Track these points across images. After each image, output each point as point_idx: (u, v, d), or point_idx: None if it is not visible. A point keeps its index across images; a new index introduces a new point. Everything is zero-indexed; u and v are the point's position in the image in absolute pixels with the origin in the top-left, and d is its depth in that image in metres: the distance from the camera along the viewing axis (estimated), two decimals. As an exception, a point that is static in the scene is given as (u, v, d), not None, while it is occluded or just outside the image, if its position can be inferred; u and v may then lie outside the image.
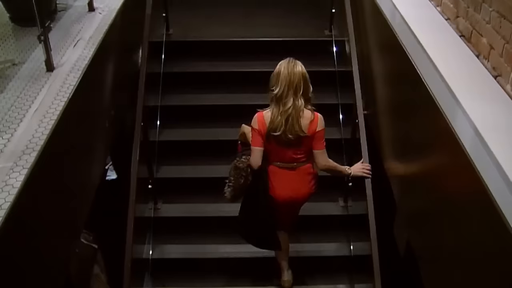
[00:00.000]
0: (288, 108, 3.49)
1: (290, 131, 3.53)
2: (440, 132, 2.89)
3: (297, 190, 3.79)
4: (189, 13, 6.37)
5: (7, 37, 3.90)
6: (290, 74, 3.49)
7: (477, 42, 2.99)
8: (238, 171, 3.75)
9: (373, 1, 4.34)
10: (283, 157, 3.69)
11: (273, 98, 3.53)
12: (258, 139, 3.62)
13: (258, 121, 3.59)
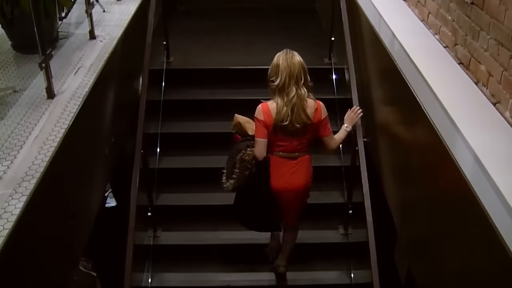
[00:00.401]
0: (292, 98, 3.58)
1: (296, 120, 3.62)
2: (440, 158, 2.89)
3: (292, 180, 3.86)
4: (189, 41, 6.42)
5: (8, 64, 3.92)
6: (289, 64, 3.59)
7: (476, 70, 3.01)
8: (244, 164, 3.79)
9: (372, 29, 4.38)
10: (287, 147, 3.78)
11: (275, 89, 3.61)
12: (263, 130, 3.69)
13: (264, 112, 3.65)
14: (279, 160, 3.82)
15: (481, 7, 2.93)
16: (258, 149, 3.73)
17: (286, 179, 3.85)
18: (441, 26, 3.52)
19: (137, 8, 5.15)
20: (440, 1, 3.54)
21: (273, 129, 3.68)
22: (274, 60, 3.66)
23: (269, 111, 3.65)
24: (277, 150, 3.79)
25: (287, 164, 3.83)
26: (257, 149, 3.74)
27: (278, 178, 3.84)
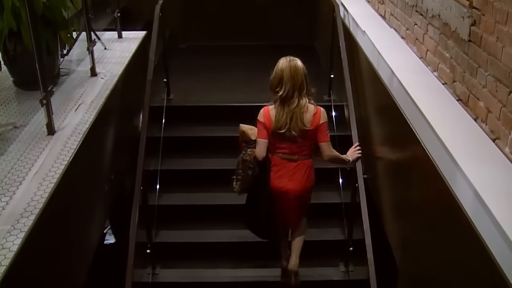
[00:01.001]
0: (293, 108, 3.73)
1: (294, 128, 3.75)
2: (440, 195, 2.88)
3: (292, 182, 3.93)
4: (190, 78, 6.48)
5: (10, 100, 3.95)
6: (293, 75, 3.73)
7: (475, 106, 3.03)
8: (245, 164, 3.97)
9: (371, 67, 4.41)
10: (287, 150, 3.89)
11: (278, 99, 3.76)
12: (264, 132, 3.85)
13: (264, 115, 3.83)
14: (279, 161, 3.93)
15: (479, 45, 2.96)
16: (258, 148, 3.87)
17: (284, 181, 3.94)
18: (440, 63, 3.56)
19: (138, 46, 5.21)
20: (438, 39, 3.57)
21: (272, 133, 3.83)
22: (277, 69, 3.77)
23: (269, 114, 3.81)
24: (278, 151, 3.92)
25: (287, 165, 3.93)
26: (257, 149, 3.88)
27: (277, 179, 3.94)
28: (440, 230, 2.99)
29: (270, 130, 3.83)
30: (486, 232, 2.35)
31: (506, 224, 2.19)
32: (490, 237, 2.30)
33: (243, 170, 4.00)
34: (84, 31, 4.44)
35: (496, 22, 2.76)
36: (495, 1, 2.77)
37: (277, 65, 3.81)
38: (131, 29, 5.66)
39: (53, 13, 4.00)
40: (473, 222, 2.47)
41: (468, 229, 2.49)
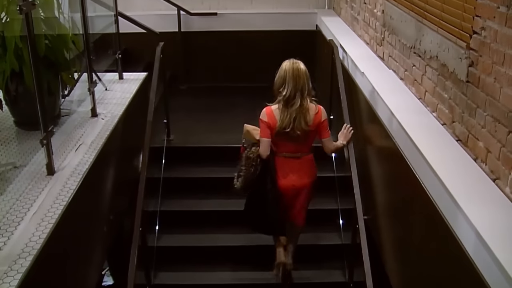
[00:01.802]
0: (296, 109, 4.04)
1: (297, 127, 4.05)
2: (442, 236, 2.86)
3: (299, 179, 4.25)
4: (190, 118, 6.52)
5: (10, 140, 3.95)
6: (295, 76, 4.04)
7: (474, 146, 3.03)
8: (249, 161, 4.20)
9: (370, 108, 4.44)
10: (290, 148, 4.20)
11: (281, 99, 4.06)
12: (267, 131, 4.13)
13: (267, 115, 4.14)
14: (284, 160, 4.22)
15: (477, 85, 2.99)
16: (262, 147, 4.14)
17: (293, 178, 4.23)
18: (438, 104, 3.58)
19: (139, 87, 5.24)
20: (436, 80, 3.60)
21: (276, 133, 4.12)
22: (281, 70, 4.10)
23: (273, 114, 4.12)
24: (281, 151, 4.21)
25: (292, 163, 4.22)
26: (261, 147, 4.14)
27: (285, 177, 4.23)
28: (441, 270, 2.96)
29: (273, 129, 4.11)
30: (488, 273, 2.32)
31: (508, 265, 2.17)
32: (492, 277, 2.28)
33: (246, 167, 4.20)
34: (85, 72, 4.47)
35: (494, 63, 2.79)
36: (492, 43, 2.81)
37: (280, 67, 4.12)
38: (132, 70, 5.71)
39: (55, 54, 4.03)
40: (475, 262, 2.45)
41: (470, 269, 2.46)
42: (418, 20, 3.95)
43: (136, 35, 6.75)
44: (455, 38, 3.30)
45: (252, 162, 4.17)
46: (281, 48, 7.51)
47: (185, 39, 7.63)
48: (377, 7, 5.10)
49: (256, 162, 4.16)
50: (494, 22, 2.78)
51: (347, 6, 6.66)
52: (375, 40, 5.20)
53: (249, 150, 4.24)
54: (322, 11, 7.64)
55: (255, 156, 4.16)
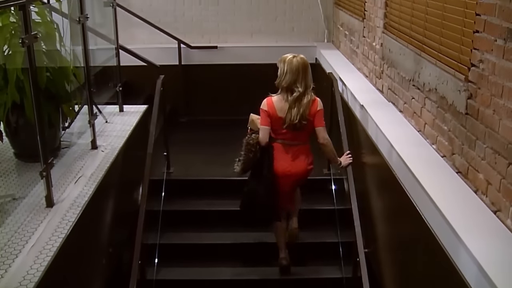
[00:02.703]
0: (295, 97, 4.33)
1: (297, 116, 4.32)
2: (443, 269, 2.83)
3: (294, 165, 4.48)
4: (190, 151, 6.52)
5: (10, 172, 3.95)
6: (299, 67, 4.33)
7: (474, 178, 3.03)
8: (249, 147, 4.45)
9: (370, 140, 4.44)
10: (288, 136, 4.45)
11: (283, 87, 4.37)
12: (267, 119, 4.42)
13: (268, 104, 4.44)
14: (281, 147, 4.47)
15: (476, 117, 3.00)
16: (261, 135, 4.42)
17: (289, 164, 4.47)
18: (438, 136, 3.58)
19: (139, 119, 5.26)
20: (435, 112, 3.62)
21: (276, 121, 4.40)
22: (283, 60, 4.39)
23: (273, 104, 4.41)
24: (280, 138, 4.47)
25: (289, 150, 4.47)
26: (261, 135, 4.42)
27: (282, 163, 4.46)
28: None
29: (273, 116, 4.40)
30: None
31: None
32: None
33: (245, 153, 4.46)
34: (86, 104, 4.49)
35: (492, 95, 2.81)
36: (490, 75, 2.83)
37: (283, 59, 4.41)
38: (132, 103, 5.74)
39: (56, 86, 4.06)
40: (477, 296, 2.42)
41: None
42: (417, 53, 3.99)
43: (137, 67, 6.80)
44: (454, 71, 3.33)
45: (252, 148, 4.42)
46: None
47: (186, 72, 7.69)
48: (376, 40, 5.15)
49: (255, 148, 4.42)
50: (492, 54, 2.81)
51: (346, 40, 6.73)
52: (374, 73, 5.24)
53: (249, 136, 4.50)
54: (321, 44, 7.71)
55: (254, 143, 4.42)
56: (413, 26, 4.16)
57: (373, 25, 5.30)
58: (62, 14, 4.37)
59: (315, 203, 5.54)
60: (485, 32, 2.89)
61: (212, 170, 6.00)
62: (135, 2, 7.69)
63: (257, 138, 4.43)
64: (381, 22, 4.99)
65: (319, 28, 7.91)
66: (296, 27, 7.93)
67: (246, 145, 4.46)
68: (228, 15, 7.85)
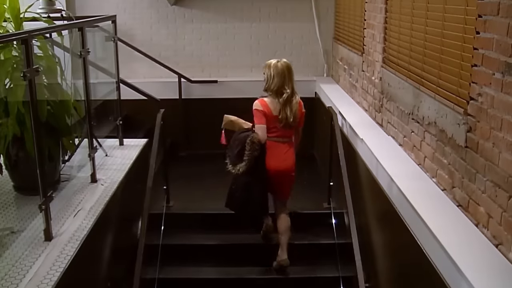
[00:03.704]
0: (285, 98, 4.77)
1: (288, 114, 4.76)
2: (445, 303, 2.81)
3: (285, 160, 4.89)
4: (190, 185, 6.51)
5: (8, 205, 3.94)
6: (284, 70, 4.76)
7: (475, 211, 3.01)
8: (254, 146, 4.68)
9: (370, 174, 4.44)
10: (280, 133, 4.85)
11: (273, 90, 4.78)
12: (263, 118, 4.78)
13: (262, 105, 4.81)
14: (274, 144, 4.83)
15: (476, 151, 3.00)
16: (261, 133, 4.75)
17: (281, 159, 4.86)
18: (438, 169, 3.58)
19: (139, 153, 5.26)
20: (435, 145, 3.62)
21: (270, 119, 4.77)
22: (270, 66, 4.80)
23: (266, 104, 4.81)
24: (272, 135, 4.81)
25: (281, 147, 4.87)
26: (261, 133, 4.74)
27: (275, 159, 4.82)
28: None
29: (268, 117, 4.77)
30: None
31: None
32: None
33: (251, 151, 4.67)
34: (86, 137, 4.50)
35: (492, 128, 2.81)
36: (489, 108, 2.84)
37: (268, 64, 4.83)
38: (132, 136, 5.75)
39: (57, 120, 4.08)
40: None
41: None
42: (416, 87, 4.01)
43: (137, 101, 6.85)
44: (453, 104, 3.34)
45: (256, 147, 4.68)
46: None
47: (186, 106, 7.73)
48: (375, 74, 5.19)
49: (258, 146, 4.70)
50: (491, 88, 2.82)
51: (345, 74, 6.78)
52: (373, 107, 5.26)
53: (252, 136, 4.72)
54: (320, 78, 7.77)
55: (257, 141, 4.69)
56: (412, 60, 4.20)
57: (372, 59, 5.35)
58: (63, 48, 4.40)
59: (315, 237, 5.51)
60: (483, 66, 2.91)
61: (212, 204, 5.96)
62: (136, 36, 7.78)
63: (257, 136, 4.72)
64: (380, 56, 5.03)
65: (319, 62, 7.98)
66: (296, 62, 7.95)
67: (251, 144, 4.67)
68: (228, 50, 7.93)
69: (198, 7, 7.81)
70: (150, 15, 7.84)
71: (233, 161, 4.78)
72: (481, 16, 2.93)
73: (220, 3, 7.79)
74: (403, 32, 4.43)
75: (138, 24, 7.84)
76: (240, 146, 4.72)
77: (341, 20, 7.27)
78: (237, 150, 4.74)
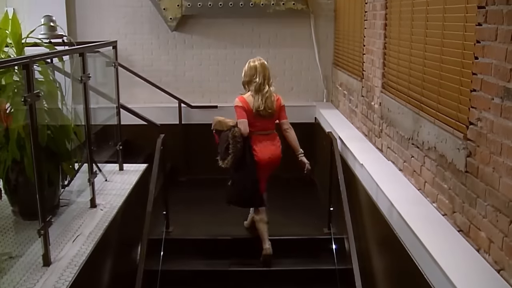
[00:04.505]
0: (265, 93, 5.31)
1: (267, 108, 5.29)
2: (447, 329, 2.78)
3: (273, 151, 5.39)
4: (189, 210, 6.50)
5: (7, 229, 3.92)
6: (263, 68, 5.35)
7: (476, 237, 3.00)
8: (235, 139, 5.17)
9: (370, 199, 4.43)
10: (262, 127, 5.37)
11: (254, 87, 5.32)
12: (244, 113, 5.29)
13: (241, 101, 5.35)
14: (259, 138, 5.34)
15: (476, 175, 3.00)
16: (243, 127, 5.24)
17: (269, 151, 5.35)
18: (438, 194, 3.57)
19: (139, 178, 5.26)
20: (435, 170, 3.62)
21: (251, 115, 5.27)
22: (250, 65, 5.39)
23: (245, 100, 5.34)
24: (256, 129, 5.31)
25: (266, 139, 5.37)
26: (242, 127, 5.23)
27: (263, 151, 5.31)
28: None
29: (249, 111, 5.28)
30: None
31: None
32: None
33: (233, 145, 5.15)
34: (86, 162, 4.50)
35: (491, 153, 2.81)
36: (488, 133, 2.84)
37: (248, 64, 5.40)
38: (132, 161, 5.75)
39: (57, 145, 4.08)
40: None
41: None
42: (415, 112, 4.02)
43: (137, 126, 6.86)
44: (452, 129, 3.35)
45: (238, 139, 5.17)
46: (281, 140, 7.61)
47: (186, 131, 7.74)
48: (375, 100, 5.20)
49: (240, 139, 5.19)
50: (490, 113, 2.83)
51: (345, 99, 6.80)
52: (373, 132, 5.27)
53: (233, 130, 5.20)
54: (320, 104, 7.79)
55: (239, 135, 5.18)
56: (411, 85, 4.22)
57: (371, 84, 5.37)
58: (64, 73, 4.43)
59: (315, 263, 5.48)
60: (482, 91, 2.93)
61: (212, 229, 5.95)
62: (136, 62, 7.83)
63: (239, 130, 5.18)
64: (379, 81, 5.05)
65: (318, 88, 8.02)
66: (296, 87, 8.04)
67: (233, 137, 5.16)
68: (228, 75, 7.97)
69: (198, 33, 7.87)
70: (150, 41, 7.90)
71: (222, 157, 5.26)
72: (479, 42, 2.95)
73: (220, 29, 7.86)
74: (402, 58, 4.46)
75: (138, 50, 7.90)
76: (227, 142, 5.20)
77: (340, 46, 7.32)
78: (225, 146, 5.21)
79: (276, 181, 7.41)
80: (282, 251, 5.52)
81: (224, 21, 7.75)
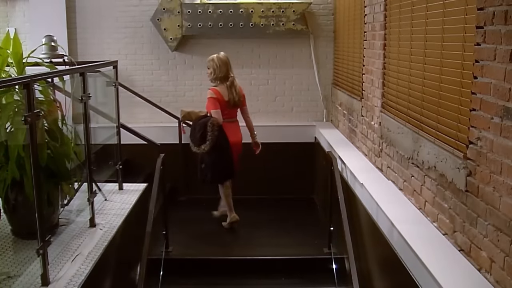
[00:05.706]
0: (231, 82, 6.15)
1: (235, 97, 6.16)
2: None
3: (239, 135, 6.27)
4: (189, 230, 6.48)
5: (6, 249, 3.90)
6: (225, 60, 6.16)
7: (477, 256, 2.99)
8: (214, 127, 5.90)
9: (370, 219, 4.42)
10: (230, 115, 6.21)
11: (220, 78, 6.12)
12: (217, 104, 6.05)
13: (215, 92, 6.10)
14: (228, 125, 6.10)
15: (476, 195, 2.99)
16: (218, 116, 6.01)
17: (237, 135, 6.22)
18: (439, 214, 3.56)
19: (138, 198, 5.24)
20: (435, 190, 3.61)
21: (223, 105, 6.06)
22: (213, 59, 6.17)
23: (218, 91, 6.10)
24: (225, 118, 6.08)
25: (233, 126, 6.20)
26: (217, 116, 6.00)
27: (233, 135, 6.14)
28: None
29: (221, 101, 6.05)
30: None
31: None
32: None
33: (212, 132, 5.87)
34: (85, 182, 4.49)
35: (492, 172, 2.81)
36: (488, 152, 2.85)
37: (211, 59, 6.18)
38: (132, 181, 5.74)
39: (57, 164, 4.07)
40: None
41: None
42: (415, 132, 4.03)
43: (137, 146, 6.86)
44: (452, 149, 3.35)
45: (216, 127, 5.89)
46: (281, 159, 7.63)
47: (186, 151, 7.72)
48: (374, 119, 5.21)
49: (218, 127, 5.92)
50: (489, 132, 2.84)
51: (344, 119, 6.81)
52: (373, 152, 5.27)
53: (210, 118, 5.92)
54: (320, 123, 7.80)
55: (216, 123, 5.89)
56: (411, 105, 4.23)
57: (371, 104, 5.39)
58: (65, 93, 4.44)
59: (316, 283, 5.44)
60: (482, 110, 2.93)
61: (212, 249, 5.93)
62: (137, 82, 7.86)
63: (216, 120, 5.92)
64: (379, 101, 5.07)
65: (318, 107, 8.04)
66: (295, 107, 8.06)
67: (212, 126, 5.88)
68: (228, 96, 7.97)
69: (198, 53, 7.90)
70: (151, 61, 7.94)
71: (197, 143, 5.96)
72: (478, 61, 2.96)
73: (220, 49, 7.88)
74: (401, 78, 4.47)
75: (139, 70, 7.93)
76: (202, 130, 5.89)
77: (340, 66, 7.35)
78: (200, 134, 5.90)
79: (277, 201, 7.45)
80: (282, 272, 5.49)
81: (224, 41, 7.78)
